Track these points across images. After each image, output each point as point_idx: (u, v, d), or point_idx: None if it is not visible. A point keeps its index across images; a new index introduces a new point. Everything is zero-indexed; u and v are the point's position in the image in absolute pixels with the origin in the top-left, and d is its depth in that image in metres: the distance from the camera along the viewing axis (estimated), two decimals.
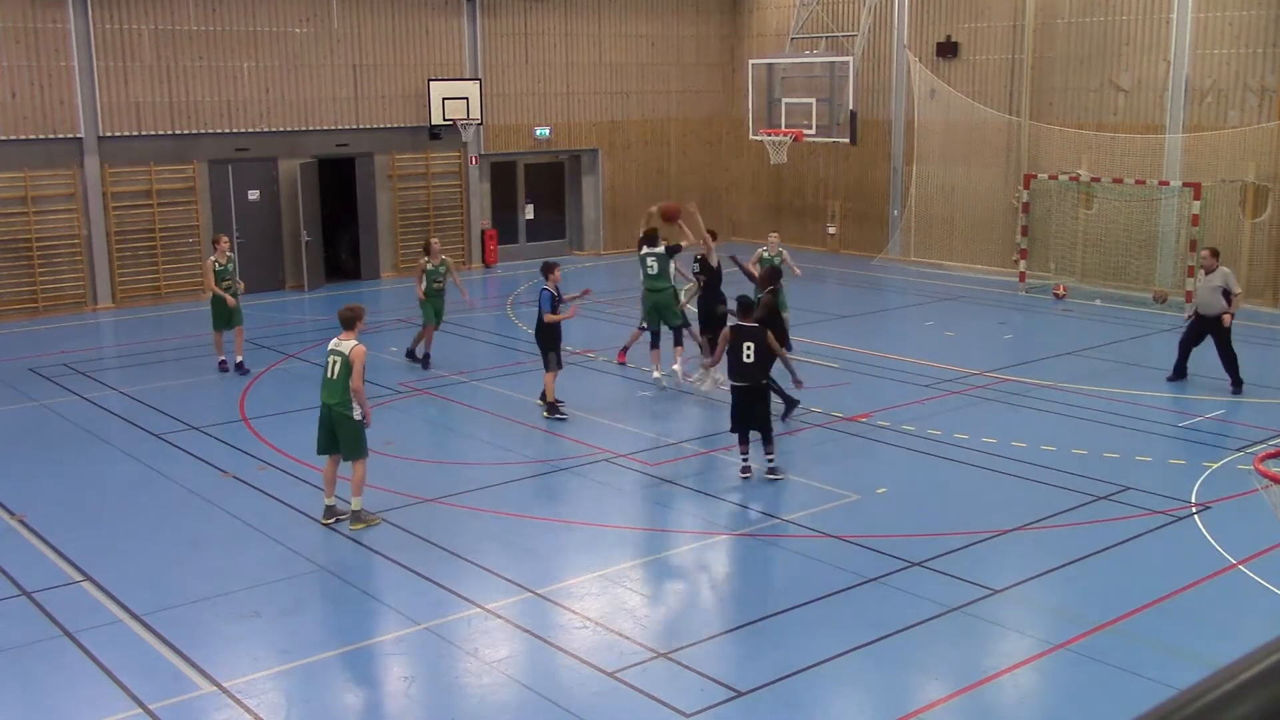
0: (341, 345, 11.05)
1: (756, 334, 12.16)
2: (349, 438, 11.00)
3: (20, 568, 10.17)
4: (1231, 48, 21.50)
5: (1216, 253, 15.73)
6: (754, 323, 12.34)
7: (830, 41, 26.13)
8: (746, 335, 12.18)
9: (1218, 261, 15.48)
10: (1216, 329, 15.33)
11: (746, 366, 12.08)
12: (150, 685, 8.14)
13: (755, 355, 12.05)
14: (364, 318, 11.38)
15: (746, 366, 12.08)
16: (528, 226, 28.52)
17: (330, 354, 11.11)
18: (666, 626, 9.05)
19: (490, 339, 19.79)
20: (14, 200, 21.19)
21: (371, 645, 8.78)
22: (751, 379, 12.12)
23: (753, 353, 12.05)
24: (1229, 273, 15.46)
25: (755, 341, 12.08)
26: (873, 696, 8.16)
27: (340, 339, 11.13)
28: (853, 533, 10.81)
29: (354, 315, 11.26)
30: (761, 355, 12.09)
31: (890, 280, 25.13)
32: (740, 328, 12.31)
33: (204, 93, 22.81)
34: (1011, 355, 18.16)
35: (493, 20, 26.40)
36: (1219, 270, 15.36)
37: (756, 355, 12.05)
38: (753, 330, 12.21)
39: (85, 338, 20.19)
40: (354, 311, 11.31)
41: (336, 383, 10.98)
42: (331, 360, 11.08)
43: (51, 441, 14.00)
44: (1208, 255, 15.62)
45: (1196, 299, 15.91)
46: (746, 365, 12.08)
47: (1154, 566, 10.10)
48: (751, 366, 12.06)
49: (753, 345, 12.06)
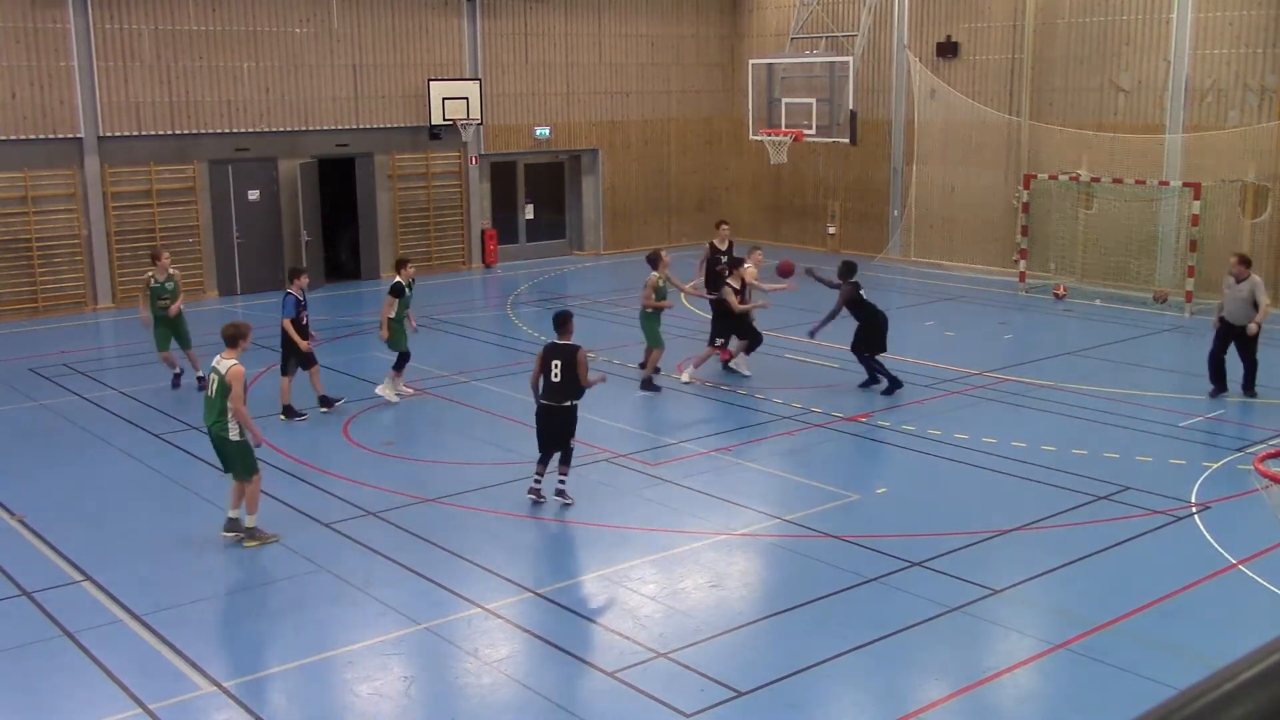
0: (220, 364, 10.57)
1: (566, 353, 11.50)
2: (232, 458, 10.63)
3: (20, 568, 10.17)
4: (1231, 48, 21.50)
5: (1247, 261, 14.97)
6: (567, 342, 11.66)
7: (830, 41, 26.12)
8: (555, 354, 11.54)
9: (1249, 270, 14.78)
10: (1243, 337, 14.81)
11: (553, 386, 11.46)
12: (150, 685, 8.14)
13: (562, 375, 11.40)
14: (248, 336, 10.89)
15: (553, 386, 11.46)
16: (528, 226, 28.52)
17: (211, 372, 10.69)
18: (666, 626, 9.05)
19: (490, 339, 19.79)
20: (14, 200, 21.20)
21: (371, 645, 8.77)
22: (556, 399, 11.48)
23: (559, 372, 11.41)
24: (1259, 282, 14.79)
25: (563, 360, 11.43)
26: (873, 696, 8.16)
27: (221, 357, 10.65)
28: (853, 533, 10.81)
29: (237, 333, 10.74)
30: (569, 375, 11.40)
31: (890, 280, 25.12)
32: (552, 346, 11.67)
33: (204, 93, 22.81)
34: (1011, 355, 18.16)
35: (493, 20, 26.40)
36: (1250, 279, 14.68)
37: (564, 374, 11.40)
38: (562, 349, 11.55)
39: (85, 338, 20.19)
40: (237, 329, 10.80)
41: (213, 403, 10.57)
42: (211, 378, 10.66)
43: (51, 441, 14.00)
44: (1237, 264, 14.86)
45: (1225, 307, 15.00)
46: (553, 385, 11.45)
47: (1154, 566, 10.10)
48: (559, 386, 11.43)
49: (559, 364, 11.42)
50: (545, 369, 11.47)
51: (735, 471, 12.74)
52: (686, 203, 30.16)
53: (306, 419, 14.66)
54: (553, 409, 11.49)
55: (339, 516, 11.37)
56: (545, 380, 11.49)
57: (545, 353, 11.58)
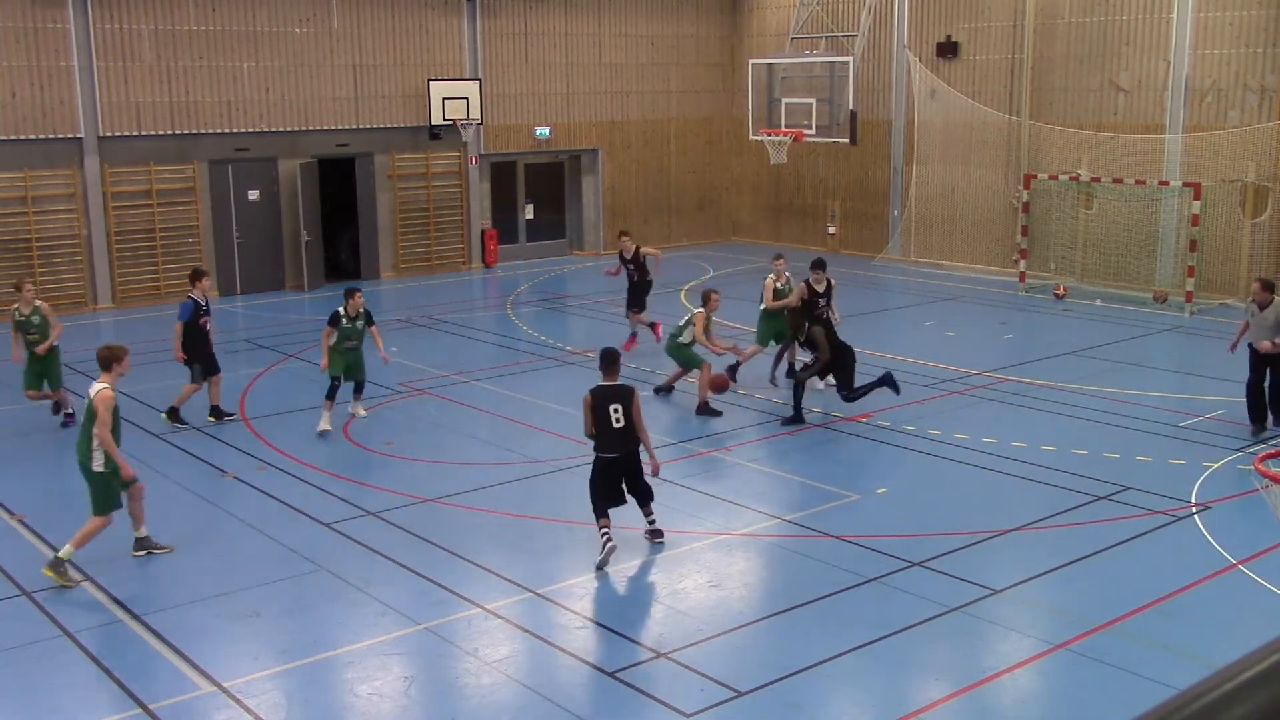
0: (91, 389, 9.96)
1: (624, 394, 10.23)
2: (92, 490, 10.00)
3: (20, 568, 10.16)
4: (1231, 48, 21.50)
5: (1270, 285, 13.68)
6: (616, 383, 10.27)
7: (830, 41, 26.13)
8: (612, 396, 10.20)
9: (1272, 295, 13.54)
10: (1275, 362, 13.52)
11: (616, 432, 10.13)
12: (150, 685, 8.15)
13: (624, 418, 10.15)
14: (125, 360, 10.18)
15: (616, 432, 10.13)
16: (528, 226, 28.52)
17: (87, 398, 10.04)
18: (666, 626, 9.05)
19: (490, 339, 19.79)
20: (14, 200, 21.20)
21: (371, 645, 8.77)
22: (622, 448, 10.21)
23: (620, 416, 10.14)
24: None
25: (623, 403, 10.16)
26: (873, 696, 8.16)
27: (96, 382, 10.04)
28: (853, 533, 10.81)
29: (110, 356, 10.09)
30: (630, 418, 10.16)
31: (890, 280, 25.13)
32: (604, 388, 10.27)
33: (204, 93, 22.81)
34: (1011, 355, 18.16)
35: (493, 20, 26.40)
36: (1274, 304, 13.49)
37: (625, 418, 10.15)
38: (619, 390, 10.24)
39: (85, 338, 20.18)
40: (112, 352, 10.14)
41: (83, 429, 9.97)
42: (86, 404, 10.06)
43: (51, 441, 14.00)
44: (1259, 289, 13.68)
45: (1250, 335, 13.77)
46: (616, 431, 10.13)
47: (1154, 566, 10.10)
48: (624, 431, 10.15)
49: (620, 407, 10.14)
50: (603, 414, 10.13)
51: (735, 471, 12.74)
52: (686, 203, 30.16)
53: (234, 418, 14.65)
54: (619, 459, 10.21)
55: (339, 516, 11.37)
56: (605, 428, 10.14)
57: (598, 397, 10.21)
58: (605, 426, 10.12)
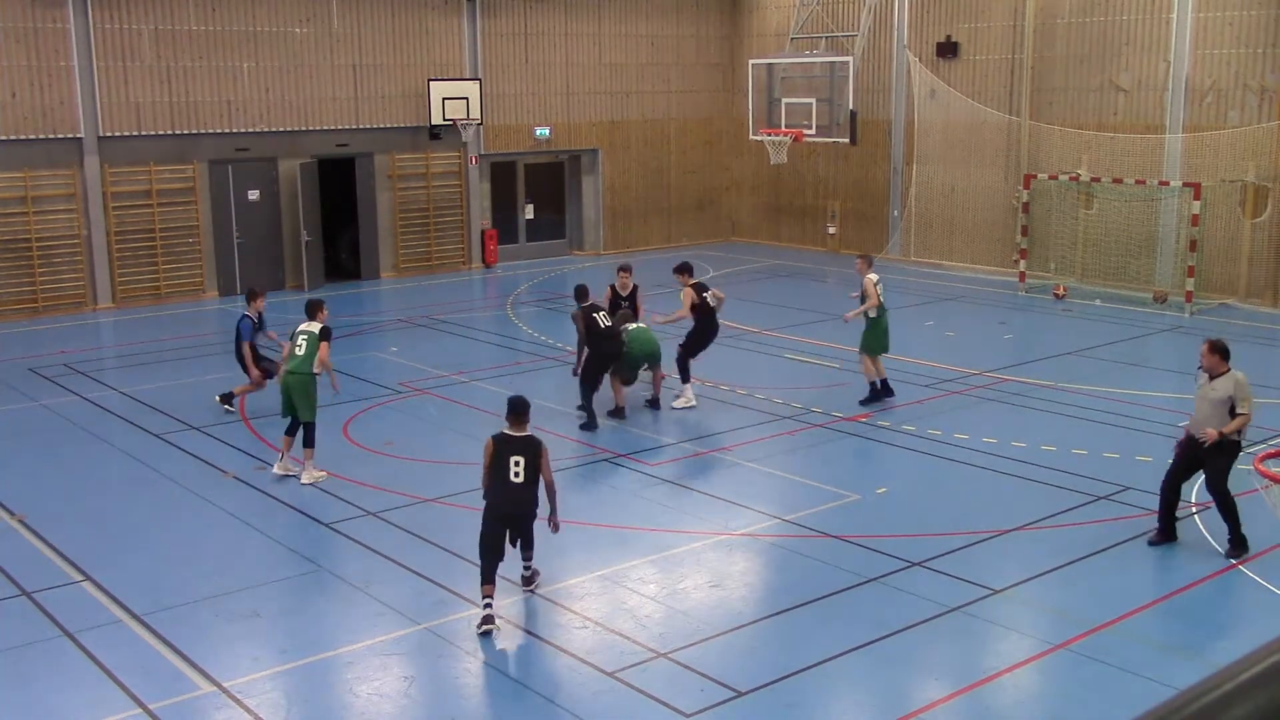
0: None
1: (530, 446, 9.20)
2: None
3: (20, 568, 10.17)
4: (1231, 48, 21.50)
5: (1223, 349, 10.58)
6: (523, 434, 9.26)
7: (830, 41, 26.13)
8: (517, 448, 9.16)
9: (1227, 364, 10.57)
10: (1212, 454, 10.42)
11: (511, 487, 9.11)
12: (150, 685, 8.15)
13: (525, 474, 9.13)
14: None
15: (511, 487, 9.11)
16: (528, 226, 28.52)
17: None
18: (666, 626, 9.05)
19: (490, 339, 19.78)
20: (14, 200, 21.19)
21: (371, 645, 8.78)
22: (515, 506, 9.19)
23: (522, 470, 9.12)
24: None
25: (526, 456, 9.14)
26: (873, 696, 8.16)
27: None
28: (853, 533, 10.81)
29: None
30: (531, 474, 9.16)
31: (890, 280, 25.05)
32: (508, 437, 9.23)
33: (204, 93, 22.81)
34: (1011, 355, 18.16)
35: (493, 20, 26.40)
36: (1228, 376, 10.49)
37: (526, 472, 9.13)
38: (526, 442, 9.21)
39: (85, 338, 20.19)
40: None
41: None
42: None
43: (51, 441, 14.00)
44: (1207, 352, 10.61)
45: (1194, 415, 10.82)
46: (514, 485, 9.11)
47: (1154, 566, 10.10)
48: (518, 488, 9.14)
49: (522, 460, 9.11)
50: (501, 465, 9.12)
51: (735, 471, 12.74)
52: (686, 203, 30.16)
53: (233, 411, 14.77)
54: (512, 515, 9.18)
55: (339, 516, 11.37)
56: (503, 480, 9.11)
57: (497, 446, 9.19)
58: (503, 478, 9.09)
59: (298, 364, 12.10)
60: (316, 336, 12.19)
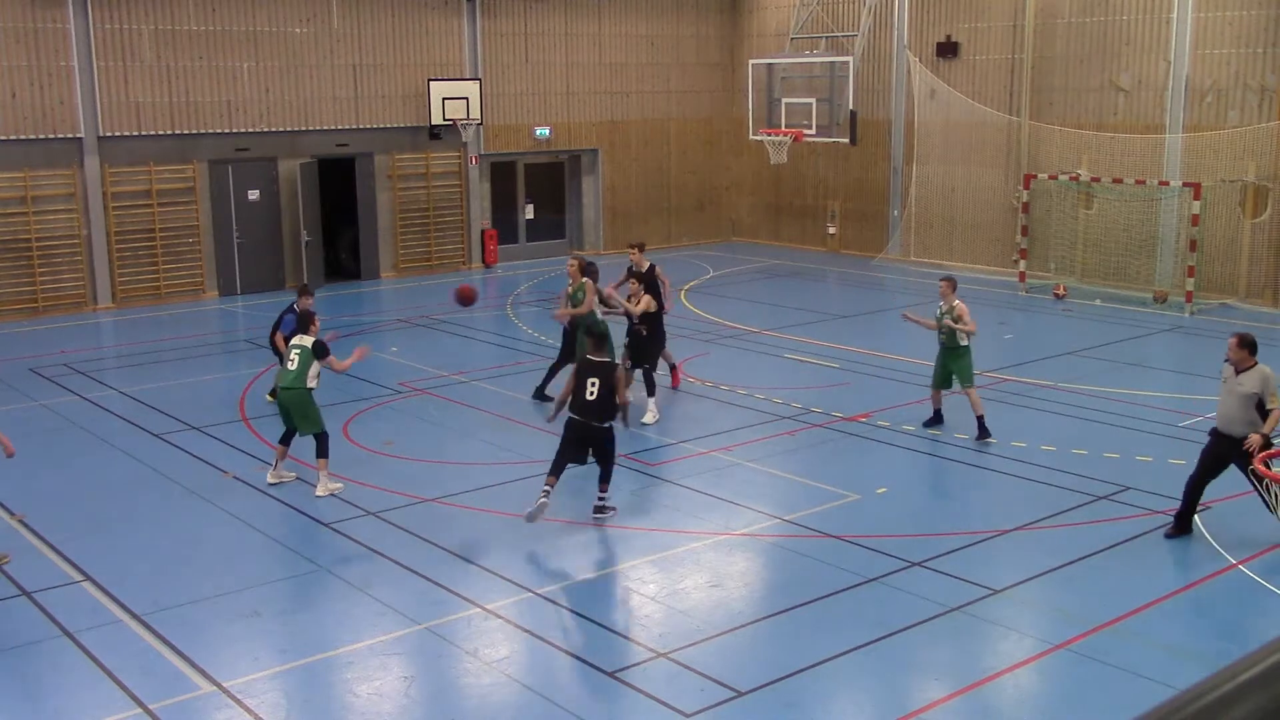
0: None
1: (605, 370, 11.04)
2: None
3: (20, 568, 10.16)
4: (1231, 48, 21.50)
5: (1250, 343, 10.24)
6: (603, 359, 11.14)
7: (830, 41, 26.13)
8: (593, 371, 11.01)
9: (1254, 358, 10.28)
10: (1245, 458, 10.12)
11: (588, 404, 10.88)
12: (150, 685, 8.14)
13: (599, 393, 10.88)
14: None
15: (588, 404, 10.88)
16: (528, 226, 28.52)
17: None
18: (666, 626, 9.05)
19: (490, 339, 19.78)
20: (14, 200, 21.20)
21: (371, 645, 8.78)
22: (590, 417, 10.92)
23: (595, 390, 10.88)
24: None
25: (601, 378, 10.93)
26: (873, 696, 8.16)
27: None
28: (853, 533, 10.81)
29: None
30: (606, 393, 10.89)
31: (890, 280, 25.12)
32: (588, 361, 11.17)
33: (204, 93, 22.81)
34: (1011, 355, 18.15)
35: (493, 20, 26.40)
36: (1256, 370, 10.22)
37: (600, 392, 10.88)
38: (600, 366, 11.05)
39: (85, 338, 20.19)
40: None
41: None
42: None
43: (51, 441, 14.00)
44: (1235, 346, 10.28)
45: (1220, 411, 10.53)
46: (588, 403, 10.87)
47: (1154, 566, 10.10)
48: (594, 405, 10.88)
49: (597, 381, 10.90)
50: (580, 386, 10.95)
51: (735, 471, 12.74)
52: (686, 203, 30.16)
53: None
54: (585, 424, 10.91)
55: (339, 516, 11.37)
56: (579, 397, 10.93)
57: (579, 367, 11.18)
58: (580, 395, 10.90)
59: (291, 380, 11.75)
60: (309, 351, 11.78)
